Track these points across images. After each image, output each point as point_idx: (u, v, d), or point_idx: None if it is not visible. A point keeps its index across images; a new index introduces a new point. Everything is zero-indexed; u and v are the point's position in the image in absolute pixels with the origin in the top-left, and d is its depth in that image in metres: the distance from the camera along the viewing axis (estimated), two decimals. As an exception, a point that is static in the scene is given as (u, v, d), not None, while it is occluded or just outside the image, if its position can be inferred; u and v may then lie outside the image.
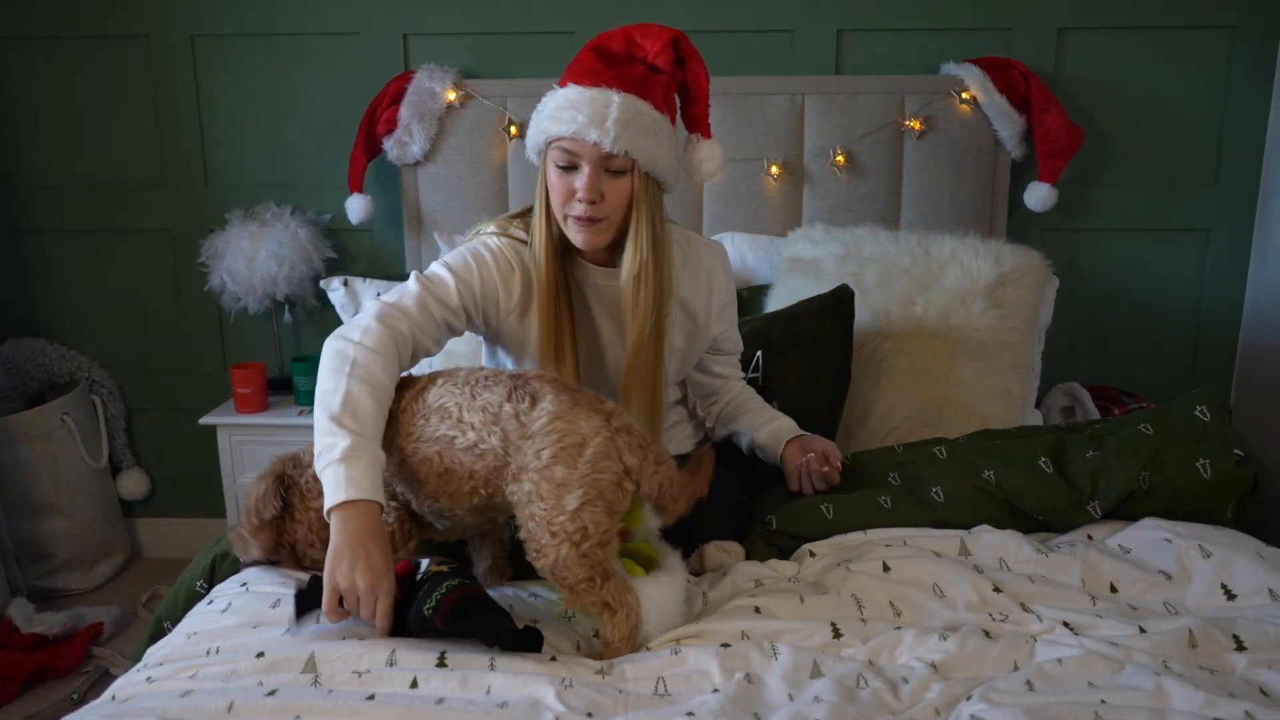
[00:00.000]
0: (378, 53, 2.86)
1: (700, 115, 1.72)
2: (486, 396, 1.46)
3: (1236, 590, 1.55)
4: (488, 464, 1.44)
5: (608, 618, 1.41)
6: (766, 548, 1.76)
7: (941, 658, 1.38)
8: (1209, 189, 2.86)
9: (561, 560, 1.39)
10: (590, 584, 1.39)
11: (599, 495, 1.39)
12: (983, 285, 2.31)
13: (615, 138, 1.55)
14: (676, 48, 1.62)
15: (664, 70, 1.61)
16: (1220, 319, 2.93)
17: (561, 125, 1.58)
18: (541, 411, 1.42)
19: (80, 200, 3.00)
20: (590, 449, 1.39)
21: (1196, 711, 1.22)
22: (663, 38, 1.60)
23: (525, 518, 1.41)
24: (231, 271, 2.82)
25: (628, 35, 1.62)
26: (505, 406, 1.44)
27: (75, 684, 2.49)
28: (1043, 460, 1.80)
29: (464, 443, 1.45)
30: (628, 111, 1.56)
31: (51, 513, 2.93)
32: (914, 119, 2.71)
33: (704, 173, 1.76)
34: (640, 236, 1.64)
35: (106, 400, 3.09)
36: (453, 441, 1.46)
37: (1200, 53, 2.77)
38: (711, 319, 1.86)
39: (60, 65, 2.92)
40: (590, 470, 1.39)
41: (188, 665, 1.37)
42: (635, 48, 1.62)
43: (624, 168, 1.60)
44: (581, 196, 1.60)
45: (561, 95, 1.60)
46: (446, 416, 1.47)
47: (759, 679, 1.34)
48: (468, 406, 1.46)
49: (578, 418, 1.41)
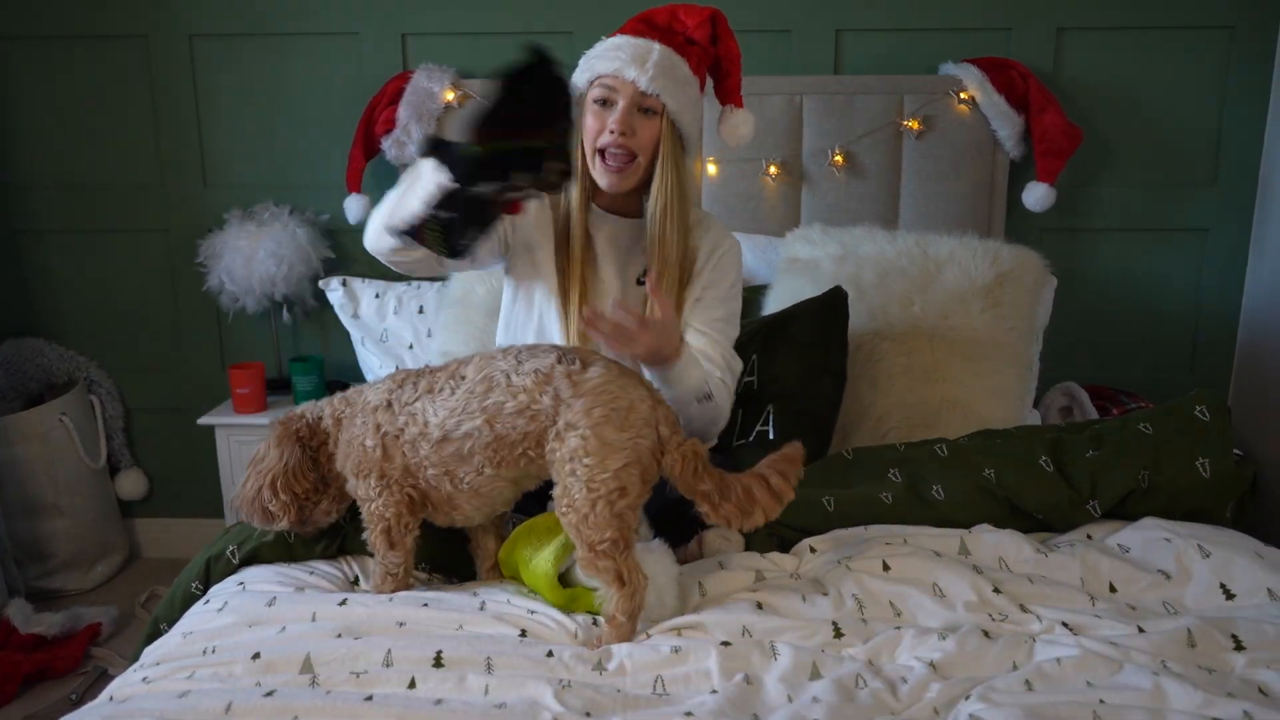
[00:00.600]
0: (376, 53, 2.86)
1: (734, 87, 1.87)
2: (535, 362, 1.50)
3: (1235, 590, 1.55)
4: (540, 425, 1.48)
5: (617, 588, 1.44)
6: (766, 537, 1.76)
7: (940, 657, 1.38)
8: (1207, 189, 2.86)
9: (596, 516, 1.42)
10: (614, 546, 1.43)
11: (638, 460, 1.45)
12: (981, 285, 2.31)
13: (652, 78, 1.72)
14: (714, 24, 1.81)
15: (699, 43, 1.79)
16: (1218, 319, 2.93)
17: (606, 63, 1.75)
18: (594, 373, 1.48)
19: (78, 200, 3.00)
20: (637, 415, 1.46)
21: (1195, 711, 1.22)
22: (702, 14, 1.79)
23: (564, 474, 1.45)
24: (230, 271, 2.81)
25: (671, 11, 1.81)
26: (558, 368, 1.48)
27: (74, 684, 2.49)
28: (1043, 459, 1.81)
29: (514, 406, 1.48)
30: (666, 60, 1.74)
31: (50, 513, 2.92)
32: (912, 119, 2.71)
33: (739, 136, 1.91)
34: (666, 175, 1.78)
35: (105, 400, 3.09)
36: (502, 407, 1.49)
37: (1198, 53, 2.77)
38: (705, 276, 1.86)
39: (58, 65, 2.92)
40: (635, 435, 1.45)
41: (185, 665, 1.37)
42: (676, 22, 1.80)
43: (655, 108, 1.75)
44: (614, 127, 1.73)
45: (609, 41, 1.79)
46: (494, 385, 1.50)
47: (758, 679, 1.34)
48: (516, 371, 1.50)
49: (627, 385, 1.48)
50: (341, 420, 1.62)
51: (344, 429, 1.61)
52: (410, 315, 2.62)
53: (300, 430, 1.63)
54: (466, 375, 1.54)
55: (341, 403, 1.64)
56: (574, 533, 1.46)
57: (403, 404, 1.56)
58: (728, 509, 1.47)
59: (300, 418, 1.64)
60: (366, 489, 1.58)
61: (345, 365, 2.99)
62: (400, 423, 1.55)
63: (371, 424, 1.57)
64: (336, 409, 1.63)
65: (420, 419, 1.53)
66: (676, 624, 1.47)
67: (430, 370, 1.60)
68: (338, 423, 1.62)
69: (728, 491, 1.47)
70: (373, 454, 1.56)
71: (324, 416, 1.64)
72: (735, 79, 1.87)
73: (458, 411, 1.51)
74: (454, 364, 1.58)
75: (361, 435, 1.57)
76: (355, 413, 1.60)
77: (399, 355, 2.63)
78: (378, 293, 2.66)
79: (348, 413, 1.62)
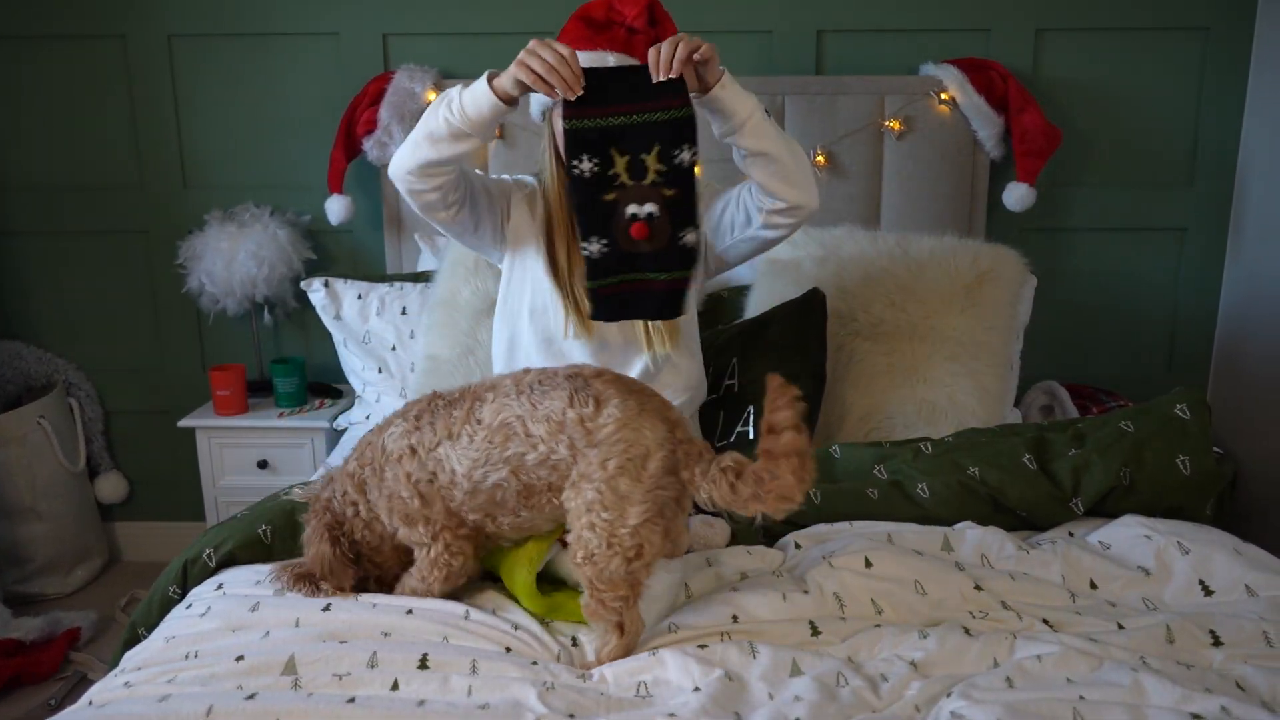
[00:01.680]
0: (357, 53, 2.85)
1: None
2: (548, 405, 1.42)
3: (1214, 586, 1.57)
4: (561, 474, 1.42)
5: (615, 636, 1.41)
6: (752, 530, 1.77)
7: (921, 655, 1.38)
8: (1185, 188, 2.88)
9: (610, 573, 1.38)
10: (624, 602, 1.40)
11: (659, 513, 1.40)
12: (961, 285, 2.32)
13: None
14: (651, 11, 1.84)
15: (641, 31, 1.82)
16: (1196, 317, 2.96)
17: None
18: (608, 418, 1.40)
19: (56, 202, 2.98)
20: (654, 462, 1.39)
21: (1173, 706, 1.23)
22: (639, 4, 1.82)
23: (582, 526, 1.39)
24: (210, 273, 2.80)
25: (607, 4, 1.83)
26: (569, 413, 1.41)
27: (53, 689, 2.47)
28: (1026, 458, 1.82)
29: (535, 457, 1.42)
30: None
31: (28, 517, 2.90)
32: (893, 119, 2.72)
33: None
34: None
35: (84, 403, 3.07)
36: (524, 458, 1.43)
37: (1175, 54, 2.80)
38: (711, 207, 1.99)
39: (35, 65, 2.89)
40: (653, 485, 1.39)
41: (166, 670, 1.36)
42: (614, 13, 1.82)
43: None
44: None
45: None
46: (513, 435, 1.44)
47: (739, 677, 1.34)
48: (531, 418, 1.43)
49: (643, 426, 1.40)
50: (365, 484, 1.54)
51: (371, 490, 1.53)
52: (393, 317, 2.61)
53: (330, 524, 1.56)
54: (483, 419, 1.46)
55: (357, 467, 1.55)
56: (587, 584, 1.41)
57: (426, 449, 1.49)
58: (771, 501, 1.37)
59: (325, 509, 1.57)
60: (419, 536, 1.51)
61: (327, 367, 2.98)
62: (430, 469, 1.48)
63: (401, 474, 1.49)
64: (356, 476, 1.55)
65: (447, 468, 1.47)
66: (654, 642, 1.46)
67: (444, 403, 1.52)
68: (361, 488, 1.54)
69: (764, 483, 1.36)
70: (412, 504, 1.49)
71: (337, 498, 1.57)
72: None
73: (481, 463, 1.45)
74: (468, 398, 1.50)
75: (395, 488, 1.50)
76: (380, 466, 1.52)
77: (381, 357, 2.62)
78: (360, 294, 2.64)
79: (370, 473, 1.54)
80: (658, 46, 1.68)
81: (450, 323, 2.38)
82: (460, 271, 2.39)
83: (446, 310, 2.41)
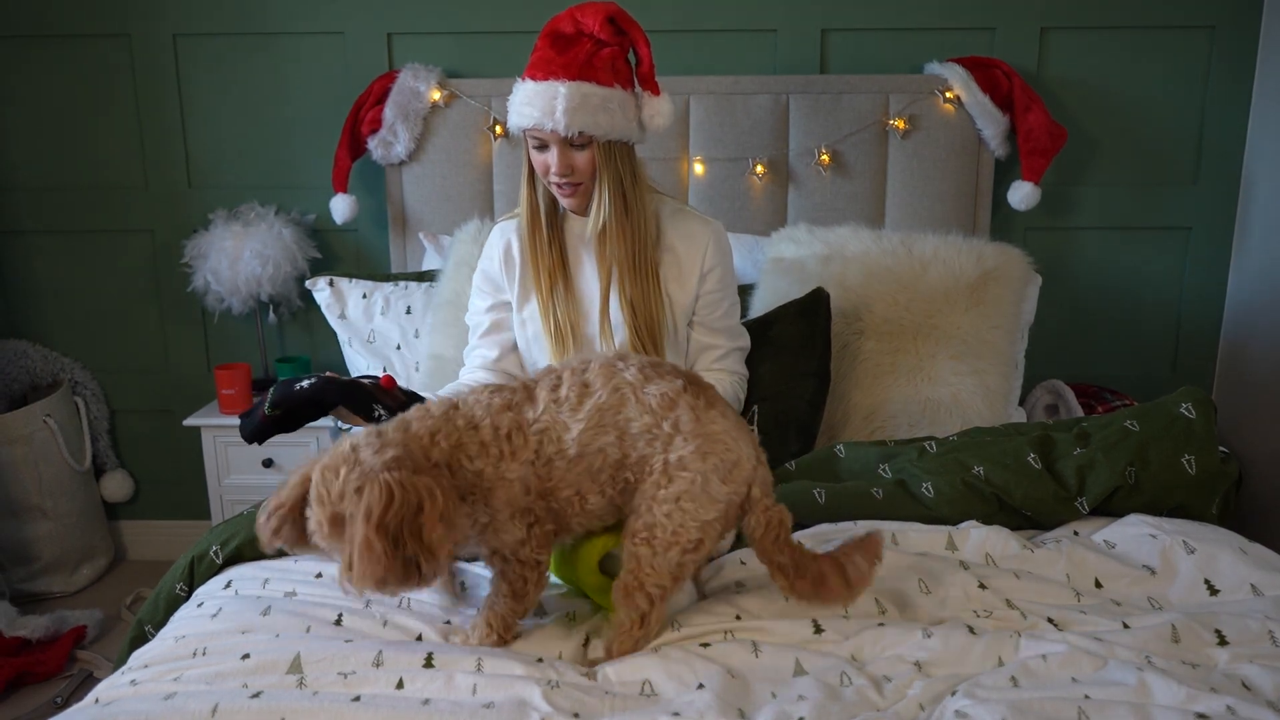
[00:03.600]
0: (362, 52, 2.85)
1: (647, 75, 1.89)
2: (661, 384, 1.41)
3: (1219, 585, 1.56)
4: (654, 451, 1.40)
5: (636, 628, 1.41)
6: None
7: (925, 654, 1.38)
8: (1190, 187, 2.87)
9: (666, 560, 1.39)
10: (661, 591, 1.40)
11: (727, 515, 1.42)
12: (966, 284, 2.32)
13: (567, 124, 1.78)
14: (614, 22, 1.82)
15: (609, 42, 1.81)
16: (1202, 317, 2.95)
17: (522, 119, 1.83)
18: (718, 417, 1.42)
19: (62, 201, 2.98)
20: (741, 471, 1.41)
21: (1179, 706, 1.22)
22: (600, 15, 1.80)
23: (658, 511, 1.38)
24: (215, 272, 2.80)
25: (571, 16, 1.82)
26: (684, 396, 1.41)
27: (58, 688, 2.47)
28: (1031, 456, 1.81)
29: (639, 426, 1.40)
30: (574, 99, 1.77)
31: (34, 515, 2.91)
32: (898, 118, 2.72)
33: (655, 125, 1.92)
34: (603, 199, 1.88)
35: (89, 402, 3.07)
36: (629, 425, 1.40)
37: (1180, 52, 2.79)
38: (696, 275, 1.98)
39: (41, 65, 2.90)
40: (732, 492, 1.41)
41: (172, 668, 1.36)
42: (580, 25, 1.82)
43: (584, 142, 1.83)
44: (555, 172, 1.85)
45: (522, 90, 1.83)
46: (625, 400, 1.40)
47: (742, 676, 1.34)
48: (642, 389, 1.40)
49: (740, 439, 1.42)
50: (464, 447, 1.36)
51: (474, 461, 1.35)
52: (398, 316, 2.61)
53: (437, 459, 1.34)
54: (592, 384, 1.41)
55: (444, 420, 1.37)
56: (634, 565, 1.39)
57: (530, 422, 1.39)
58: (802, 586, 1.40)
59: (416, 438, 1.33)
60: (518, 531, 1.40)
61: (332, 366, 2.98)
62: (533, 445, 1.39)
63: (507, 451, 1.37)
64: (445, 426, 1.36)
65: (554, 434, 1.39)
66: (658, 640, 1.46)
67: (542, 380, 1.44)
68: (459, 448, 1.36)
69: (804, 569, 1.40)
70: (520, 493, 1.38)
71: (430, 434, 1.35)
72: (646, 68, 1.90)
73: (593, 426, 1.39)
74: (569, 371, 1.44)
75: (503, 469, 1.36)
76: (479, 438, 1.37)
77: (386, 356, 2.62)
78: (365, 293, 2.65)
79: (468, 440, 1.36)
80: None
81: (455, 322, 2.38)
82: (465, 271, 2.39)
83: (451, 310, 2.41)
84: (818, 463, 1.97)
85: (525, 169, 1.94)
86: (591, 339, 1.99)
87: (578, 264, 1.99)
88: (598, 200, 1.88)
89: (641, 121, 1.91)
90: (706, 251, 1.98)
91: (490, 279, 2.06)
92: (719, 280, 2.00)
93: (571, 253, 1.99)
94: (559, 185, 1.87)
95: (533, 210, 1.95)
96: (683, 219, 2.01)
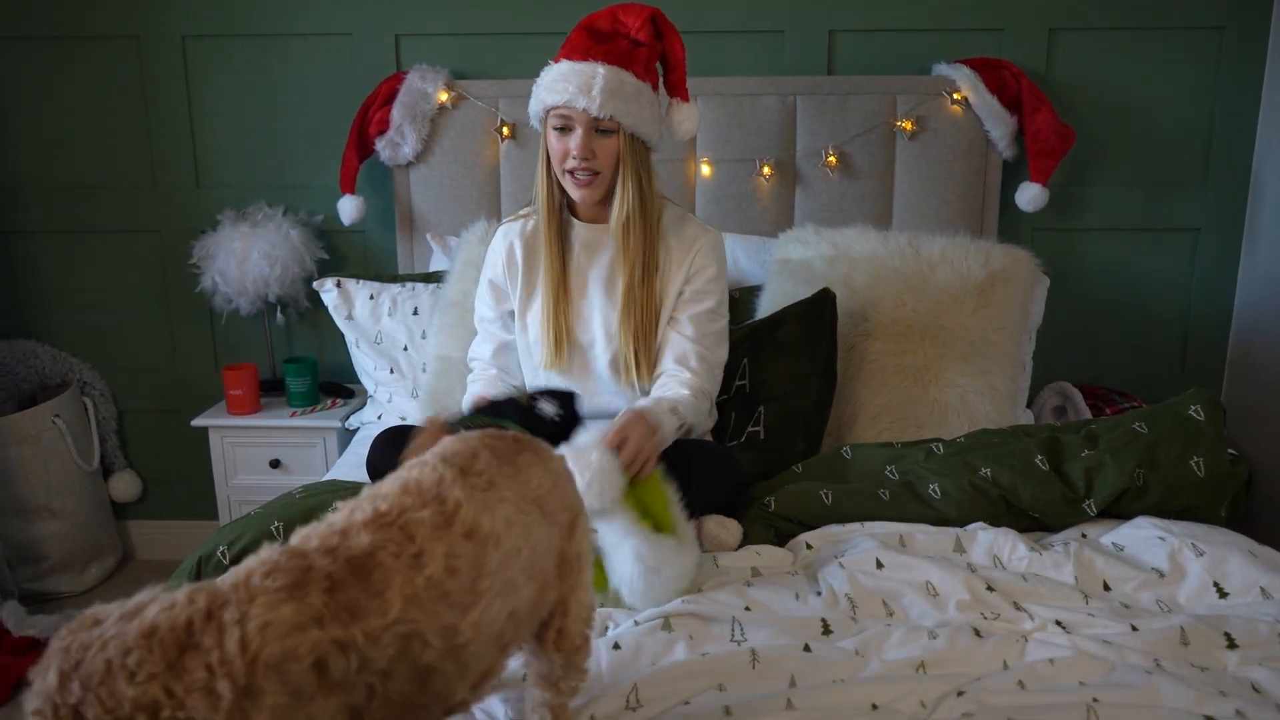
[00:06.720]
0: (369, 53, 2.86)
1: (678, 81, 1.95)
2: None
3: (1228, 588, 1.56)
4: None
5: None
6: (763, 529, 1.77)
7: (930, 656, 1.38)
8: (1199, 189, 2.86)
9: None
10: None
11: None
12: (973, 285, 2.31)
13: (601, 104, 1.80)
14: (655, 23, 1.87)
15: (645, 43, 1.85)
16: (1210, 318, 2.94)
17: (555, 95, 1.84)
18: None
19: (70, 202, 2.99)
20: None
21: (1188, 709, 1.22)
22: (643, 15, 1.85)
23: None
24: (223, 273, 2.81)
25: (613, 14, 1.88)
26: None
27: (67, 687, 2.48)
28: (1038, 458, 1.81)
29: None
30: (611, 81, 1.81)
31: (43, 515, 2.91)
32: (905, 119, 2.71)
33: (683, 131, 1.99)
34: (627, 189, 1.89)
35: (98, 402, 3.08)
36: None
37: (1189, 53, 2.78)
38: (683, 274, 1.97)
39: (50, 66, 2.91)
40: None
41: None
42: (619, 24, 1.86)
43: (611, 129, 1.85)
44: (575, 154, 1.85)
45: (555, 69, 1.87)
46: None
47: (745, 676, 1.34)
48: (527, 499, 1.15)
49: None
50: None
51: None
52: (405, 317, 2.61)
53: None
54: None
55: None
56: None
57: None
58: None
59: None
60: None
61: (339, 366, 2.99)
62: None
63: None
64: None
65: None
66: (666, 610, 1.46)
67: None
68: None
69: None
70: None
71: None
72: (679, 74, 1.94)
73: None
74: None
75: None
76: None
77: (393, 357, 2.62)
78: (372, 294, 2.65)
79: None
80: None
81: (462, 323, 2.38)
82: (472, 272, 2.39)
83: (458, 311, 2.41)
84: (824, 464, 1.97)
85: (542, 157, 1.94)
86: (588, 345, 1.99)
87: (579, 271, 2.00)
88: (621, 192, 1.89)
89: (668, 125, 1.94)
90: (698, 252, 1.98)
91: (496, 287, 2.07)
92: (705, 281, 1.98)
93: (574, 261, 2.00)
94: (575, 172, 1.87)
95: (550, 198, 1.95)
96: (684, 224, 2.01)
